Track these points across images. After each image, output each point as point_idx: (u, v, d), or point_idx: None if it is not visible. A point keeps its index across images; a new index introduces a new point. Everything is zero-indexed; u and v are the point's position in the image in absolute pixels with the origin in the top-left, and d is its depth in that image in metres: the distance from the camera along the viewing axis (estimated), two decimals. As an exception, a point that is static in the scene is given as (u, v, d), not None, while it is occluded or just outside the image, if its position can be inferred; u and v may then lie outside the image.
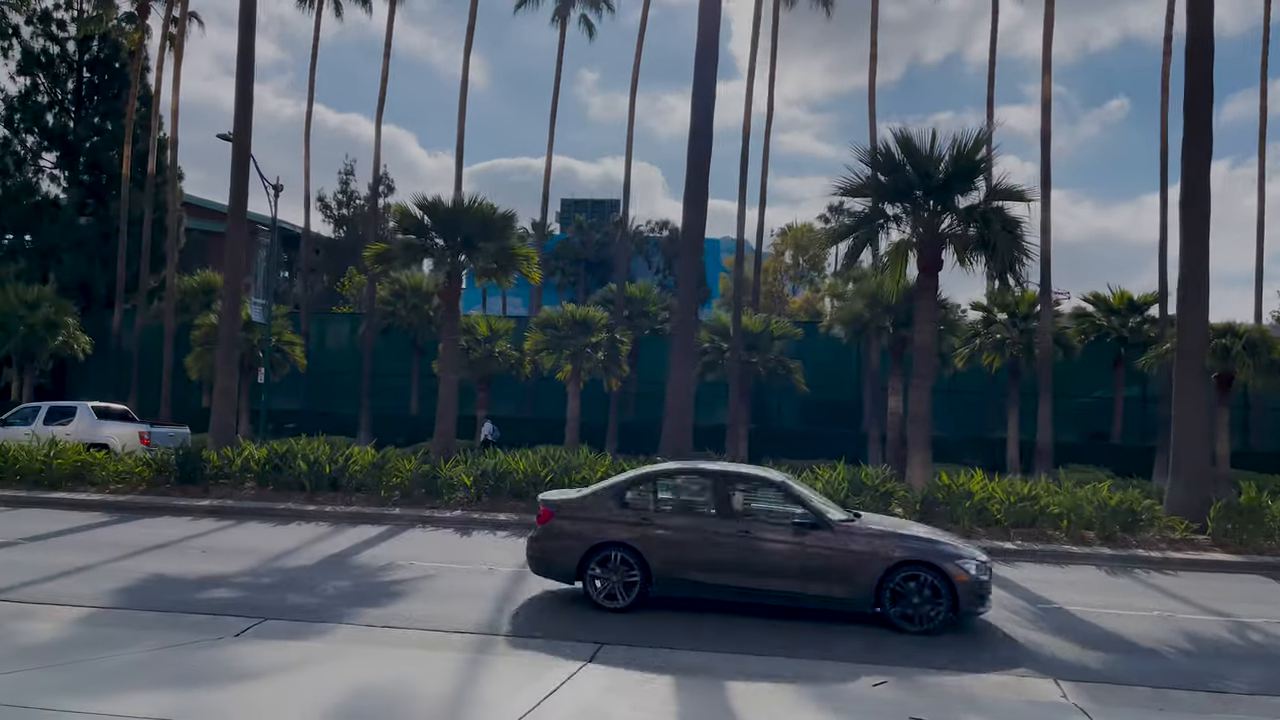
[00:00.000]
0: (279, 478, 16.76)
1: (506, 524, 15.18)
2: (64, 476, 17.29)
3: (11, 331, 33.88)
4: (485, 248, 18.01)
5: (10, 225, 41.49)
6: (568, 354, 27.35)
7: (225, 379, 19.09)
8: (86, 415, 22.99)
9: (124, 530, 14.15)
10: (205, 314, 34.80)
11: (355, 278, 53.48)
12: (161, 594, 9.71)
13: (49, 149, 42.41)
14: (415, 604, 9.62)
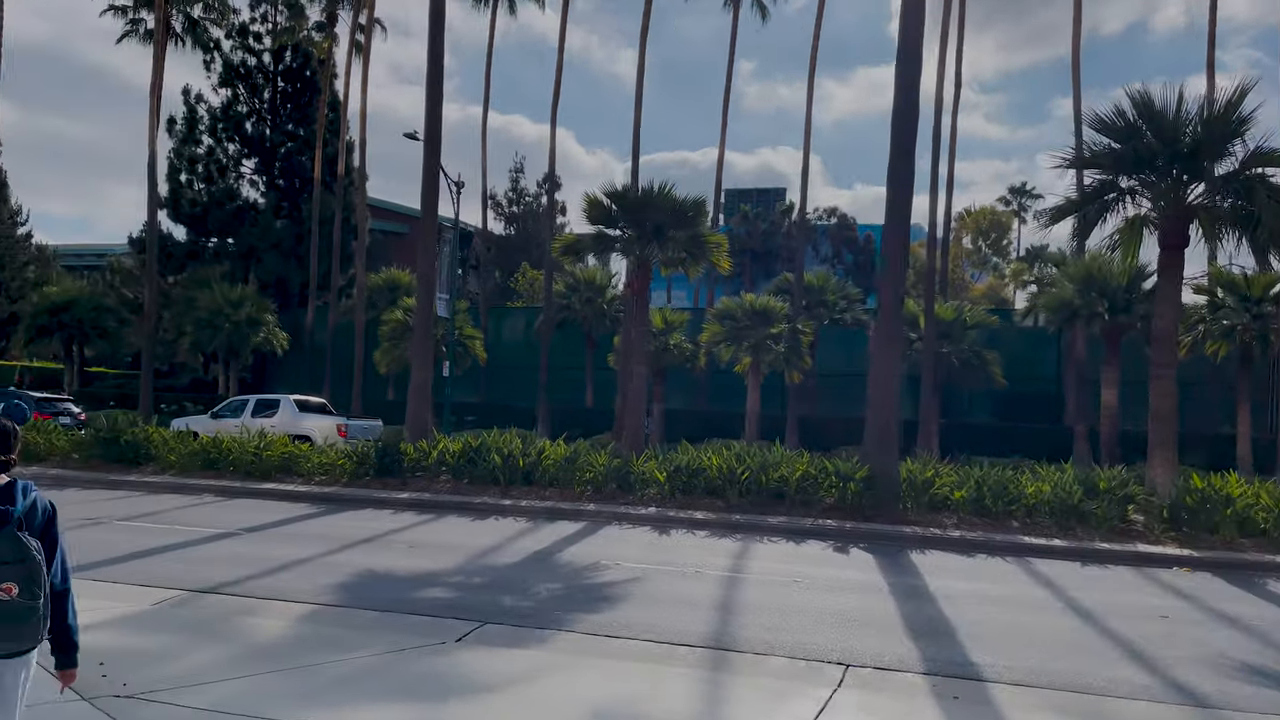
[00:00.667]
0: (473, 471, 16.73)
1: (704, 523, 14.54)
2: (273, 468, 17.88)
3: (218, 329, 36.08)
4: (675, 236, 17.43)
5: (216, 229, 44.25)
6: (747, 345, 26.54)
7: (420, 372, 19.32)
8: (289, 408, 23.75)
9: (331, 522, 14.36)
10: (391, 310, 36.00)
11: (528, 273, 54.45)
12: (377, 591, 9.55)
13: (248, 155, 45.04)
14: (631, 610, 9.06)
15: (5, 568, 3.39)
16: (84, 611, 8.37)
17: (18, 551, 3.42)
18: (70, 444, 19.35)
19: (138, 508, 15.09)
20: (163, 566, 10.41)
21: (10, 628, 3.42)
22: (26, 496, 3.57)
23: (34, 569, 3.45)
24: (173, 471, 18.46)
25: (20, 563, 3.42)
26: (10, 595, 3.38)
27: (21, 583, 3.41)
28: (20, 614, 3.42)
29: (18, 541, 3.44)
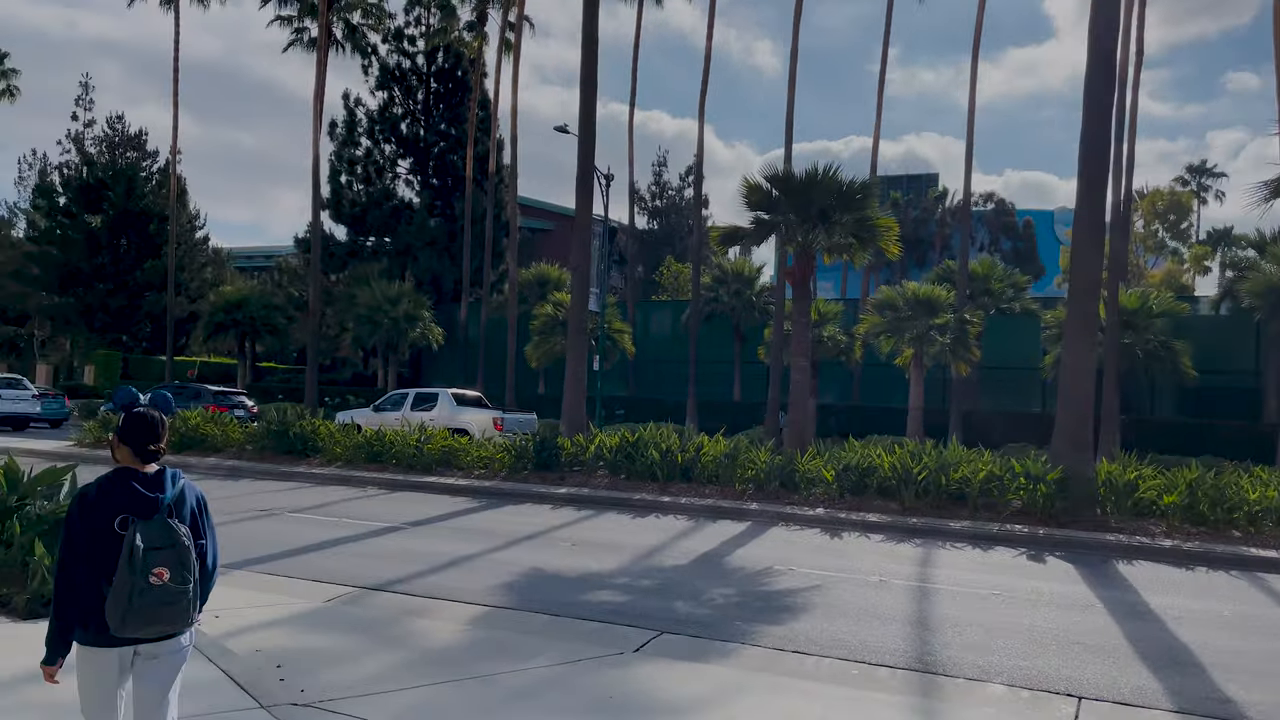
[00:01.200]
0: (631, 467, 16.32)
1: (878, 526, 13.63)
2: (433, 461, 17.98)
3: (377, 324, 37.13)
4: (842, 220, 16.50)
5: (373, 228, 45.72)
6: (909, 337, 25.21)
7: (575, 365, 19.08)
8: (447, 402, 23.96)
9: (492, 517, 14.20)
10: (542, 304, 36.24)
11: (672, 266, 54.09)
12: (545, 593, 9.17)
13: (403, 156, 46.34)
14: (817, 622, 8.34)
15: (156, 553, 3.43)
16: (262, 607, 8.32)
17: (168, 537, 3.48)
18: (245, 436, 20.09)
19: (307, 500, 15.36)
20: (334, 561, 10.37)
21: (163, 611, 3.44)
22: (175, 484, 3.63)
23: (184, 554, 3.50)
24: (338, 464, 18.85)
25: (170, 548, 3.47)
26: (162, 580, 3.42)
27: (172, 568, 3.46)
28: (172, 598, 3.45)
29: (168, 528, 3.50)
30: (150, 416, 3.64)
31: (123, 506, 3.48)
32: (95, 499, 3.50)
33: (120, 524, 3.45)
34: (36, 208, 56.39)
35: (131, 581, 3.35)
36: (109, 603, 3.38)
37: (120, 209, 55.32)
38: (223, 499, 15.04)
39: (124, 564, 3.38)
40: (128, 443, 3.59)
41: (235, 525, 12.60)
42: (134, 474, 3.55)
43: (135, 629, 3.42)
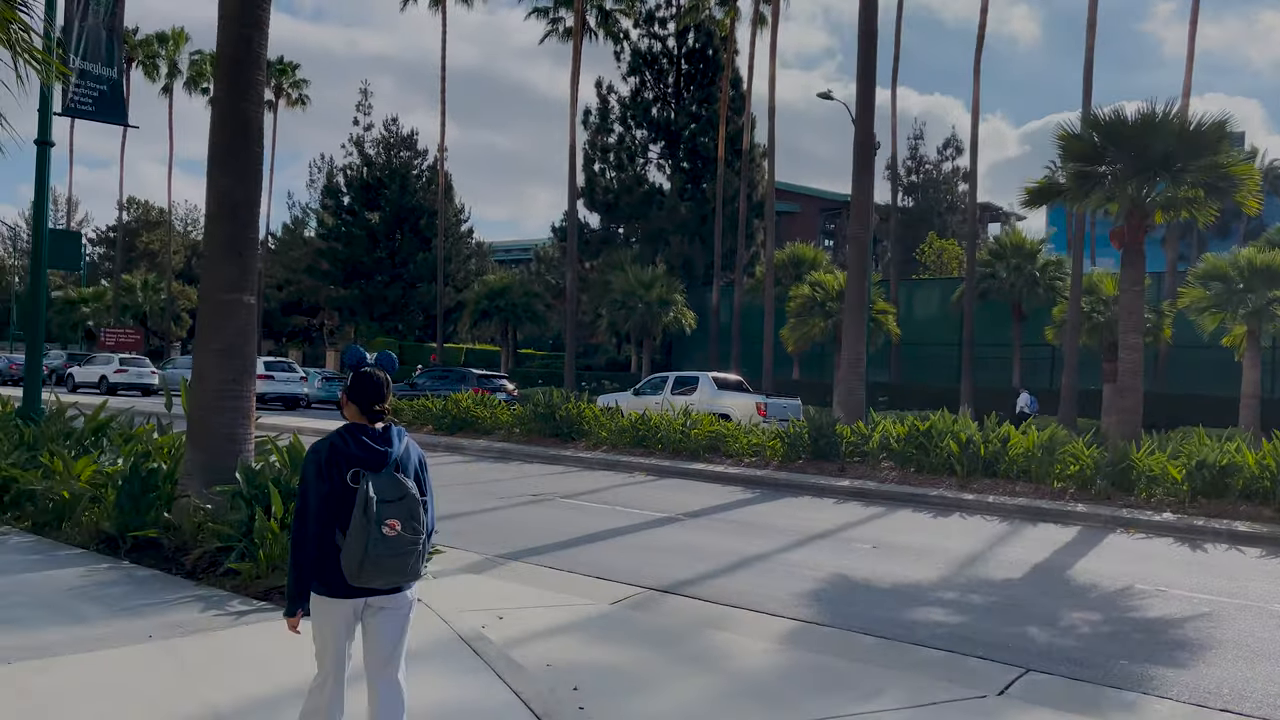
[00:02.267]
0: (924, 459, 14.50)
1: (1251, 537, 11.09)
2: (700, 447, 16.98)
3: (632, 309, 37.01)
4: (1189, 168, 13.76)
5: (626, 214, 45.87)
6: (1243, 312, 21.44)
7: (853, 345, 17.45)
8: (708, 385, 23.00)
9: (771, 511, 12.91)
10: (798, 285, 34.66)
11: (934, 243, 50.68)
12: (860, 606, 7.74)
13: (654, 140, 46.13)
14: (1233, 667, 6.37)
15: (387, 506, 3.48)
16: (546, 608, 7.44)
17: (398, 490, 3.54)
18: (512, 419, 20.03)
19: (576, 485, 14.76)
20: (613, 555, 9.45)
21: (395, 561, 3.49)
22: (401, 441, 3.71)
23: (413, 506, 3.56)
24: (604, 448, 18.28)
25: (400, 500, 3.52)
26: (395, 530, 3.47)
27: (404, 520, 3.51)
28: (404, 549, 3.51)
29: (397, 481, 3.55)
30: (376, 376, 3.71)
31: (355, 460, 3.55)
32: (328, 454, 3.59)
33: (353, 477, 3.53)
34: (325, 207, 61.38)
35: (367, 532, 3.42)
36: (344, 553, 3.46)
37: (395, 205, 59.15)
38: (494, 482, 14.73)
39: (359, 515, 3.44)
40: (355, 401, 3.68)
41: (509, 510, 12.09)
42: (363, 429, 3.64)
43: (370, 579, 3.47)
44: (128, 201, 72.29)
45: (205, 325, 8.21)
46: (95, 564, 7.20)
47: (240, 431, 8.14)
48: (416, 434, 21.01)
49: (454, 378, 29.72)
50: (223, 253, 8.13)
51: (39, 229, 10.73)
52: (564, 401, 19.55)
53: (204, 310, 8.28)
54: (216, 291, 8.14)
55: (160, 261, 69.73)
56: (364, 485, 3.49)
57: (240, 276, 8.18)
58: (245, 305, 8.21)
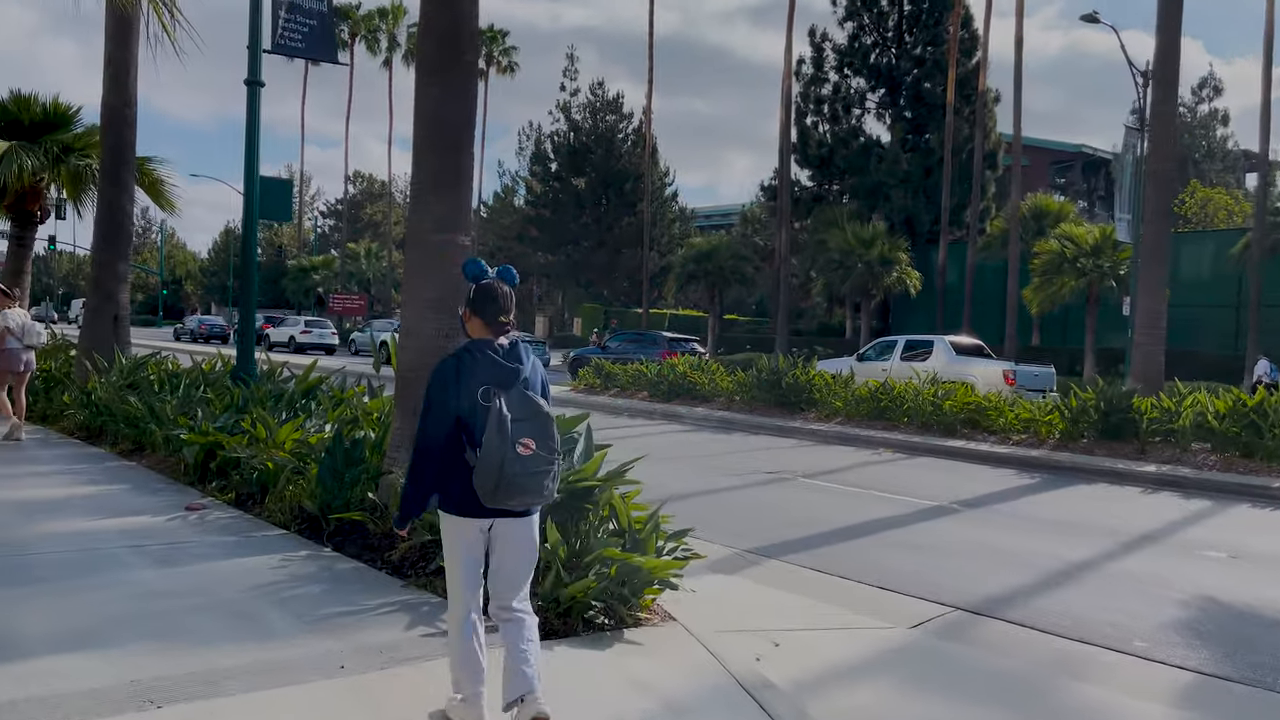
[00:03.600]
0: (1255, 442, 11.69)
1: None
2: (957, 421, 14.73)
3: (849, 270, 34.53)
4: None
5: (840, 169, 43.08)
6: None
7: (1152, 303, 14.64)
8: (944, 350, 20.32)
9: (1065, 501, 10.64)
10: (1042, 241, 31.00)
11: (1197, 192, 44.85)
12: (1265, 650, 5.57)
13: (873, 89, 42.98)
14: None
15: (520, 424, 3.34)
16: (832, 631, 5.50)
17: (530, 408, 3.40)
18: (734, 385, 18.41)
19: (814, 461, 12.98)
20: (886, 554, 7.62)
21: (530, 481, 3.34)
22: (529, 357, 3.53)
23: (547, 425, 3.42)
24: (838, 419, 16.37)
25: (534, 419, 3.39)
26: (530, 449, 3.33)
27: (538, 439, 3.37)
28: (539, 469, 3.36)
29: (528, 399, 3.42)
30: (499, 287, 3.58)
31: (484, 378, 3.41)
32: (457, 370, 3.44)
33: (484, 395, 3.38)
34: (533, 174, 61.95)
35: (503, 451, 3.28)
36: (478, 473, 3.32)
37: (601, 170, 58.87)
38: (721, 455, 13.18)
39: (494, 434, 3.29)
40: (480, 314, 3.54)
41: (746, 491, 10.48)
42: (491, 346, 3.48)
43: (505, 499, 3.34)
44: (353, 175, 76.10)
45: (414, 272, 7.00)
46: (293, 550, 6.15)
47: (453, 397, 6.90)
48: (631, 400, 19.85)
49: (645, 341, 29.36)
50: (433, 185, 6.87)
51: (250, 176, 10.02)
52: (790, 367, 17.70)
53: (412, 256, 7.07)
54: (426, 232, 6.90)
55: (382, 231, 73.06)
56: (496, 403, 3.34)
57: (454, 213, 6.90)
58: (460, 247, 6.94)
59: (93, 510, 7.10)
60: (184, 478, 8.43)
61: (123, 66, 12.82)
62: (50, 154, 15.64)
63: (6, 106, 15.69)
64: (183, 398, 9.80)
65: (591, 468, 5.66)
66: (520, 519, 3.50)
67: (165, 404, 9.54)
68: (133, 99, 12.97)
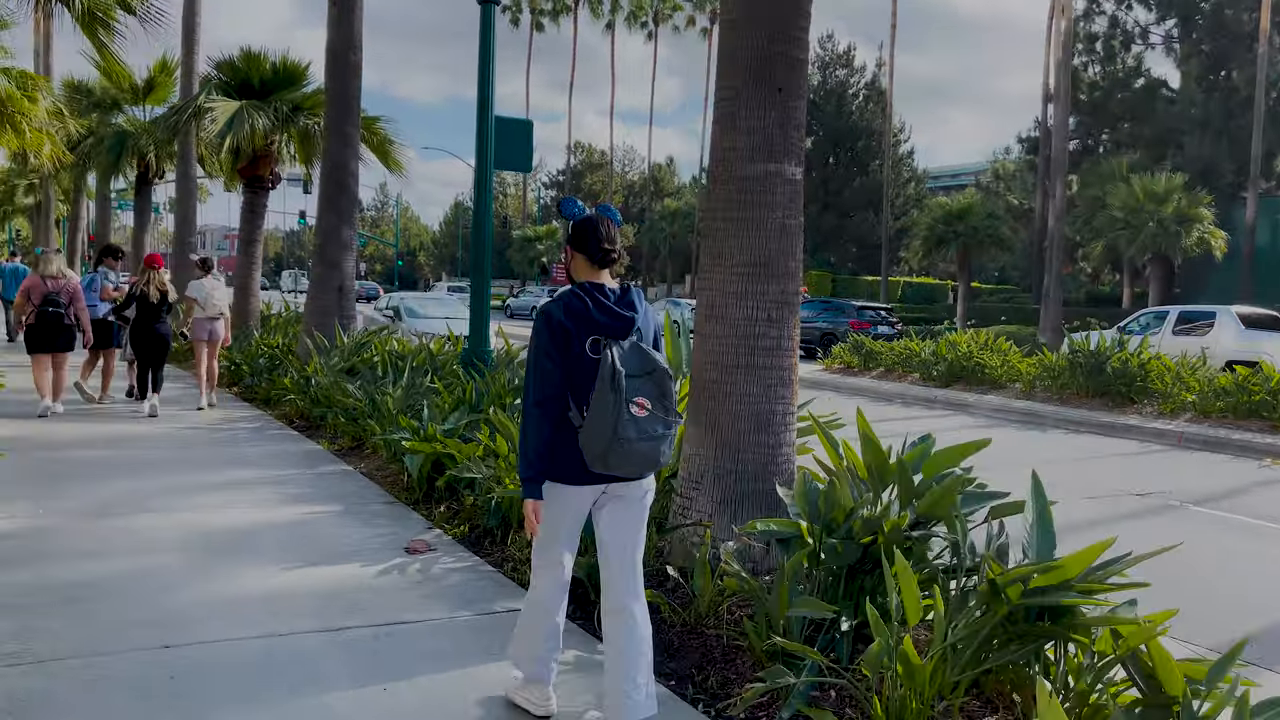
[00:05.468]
0: None
1: None
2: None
3: (1137, 230, 29.66)
4: None
5: (1116, 115, 37.62)
6: None
7: None
8: (1230, 323, 16.66)
9: None
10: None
11: None
12: None
13: (1159, 20, 37.10)
14: None
15: (635, 381, 2.90)
16: None
17: (646, 363, 2.95)
18: (1037, 369, 15.14)
19: (1184, 477, 9.78)
20: None
21: (644, 446, 2.89)
22: (641, 304, 3.10)
23: (663, 382, 2.97)
24: (1186, 416, 12.88)
25: (649, 375, 2.94)
26: (645, 410, 2.90)
27: (653, 399, 2.93)
28: (655, 432, 2.92)
29: (643, 352, 2.97)
30: (603, 219, 3.16)
31: (595, 326, 2.97)
32: (563, 317, 2.97)
33: (593, 346, 2.95)
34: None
35: (617, 411, 2.83)
36: (585, 435, 2.88)
37: (830, 128, 55.27)
38: (1054, 463, 10.20)
39: (605, 391, 2.84)
40: (583, 249, 3.11)
41: (1129, 528, 7.55)
42: (600, 289, 3.04)
43: (617, 465, 2.90)
44: (574, 145, 75.97)
45: (718, 224, 4.69)
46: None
47: (779, 412, 4.58)
48: (899, 384, 16.99)
49: (832, 308, 27.86)
50: (754, 88, 4.52)
51: (484, 115, 8.09)
52: (1115, 348, 14.24)
53: (717, 200, 4.76)
54: (739, 162, 4.58)
55: (602, 201, 72.59)
56: (608, 356, 2.88)
57: (778, 130, 4.54)
58: (787, 182, 4.59)
59: (289, 550, 5.33)
60: (406, 494, 6.63)
61: (348, 5, 11.35)
62: (280, 114, 14.69)
63: (236, 65, 14.85)
64: (406, 387, 8.07)
65: (1076, 564, 3.11)
66: (633, 484, 3.08)
67: (387, 396, 7.84)
68: (358, 41, 11.50)
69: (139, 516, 5.92)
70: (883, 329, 25.60)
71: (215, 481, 6.98)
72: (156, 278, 10.24)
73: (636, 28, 60.17)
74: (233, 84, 14.83)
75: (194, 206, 18.52)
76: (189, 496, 6.48)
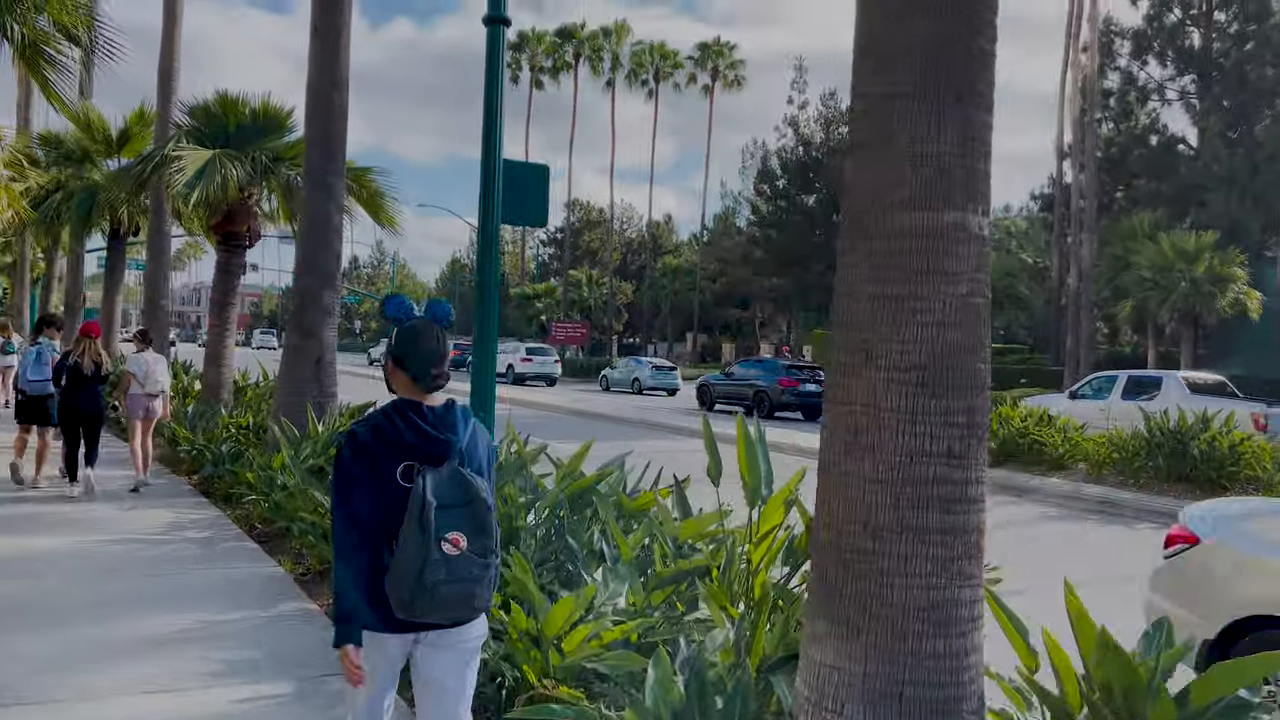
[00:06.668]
0: None
1: None
2: None
3: (1168, 290, 28.30)
4: None
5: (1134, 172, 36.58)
6: None
7: None
8: (1176, 388, 16.95)
9: None
10: None
11: None
12: None
13: (1177, 76, 36.24)
14: None
15: (448, 513, 2.56)
16: None
17: (464, 492, 2.61)
18: (1105, 449, 13.44)
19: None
20: None
21: (457, 590, 2.55)
22: (467, 424, 2.76)
23: (483, 515, 2.62)
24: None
25: (467, 506, 2.60)
26: (459, 548, 2.55)
27: (470, 533, 2.58)
28: (470, 572, 2.57)
29: (463, 480, 2.62)
30: (432, 331, 2.79)
31: (407, 450, 2.64)
32: (371, 440, 2.64)
33: (404, 474, 2.62)
34: (759, 193, 58.26)
35: (423, 549, 2.50)
36: (391, 576, 2.55)
37: (834, 186, 54.39)
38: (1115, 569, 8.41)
39: (412, 526, 2.52)
40: (406, 366, 2.74)
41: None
42: (417, 408, 2.70)
43: (425, 611, 2.56)
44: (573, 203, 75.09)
45: (864, 304, 3.03)
46: None
47: (964, 602, 2.92)
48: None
49: (765, 367, 27.64)
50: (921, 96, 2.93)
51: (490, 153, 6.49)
52: (1201, 428, 12.59)
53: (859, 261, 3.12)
54: (894, 209, 2.96)
55: (600, 259, 71.51)
56: (418, 485, 2.56)
57: (956, 164, 2.94)
58: (973, 239, 2.97)
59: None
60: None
61: (332, 35, 9.89)
62: (259, 164, 13.19)
63: (210, 110, 13.39)
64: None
65: None
66: (448, 632, 2.71)
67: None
68: (343, 78, 10.02)
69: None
70: (810, 386, 25.64)
71: (131, 639, 5.23)
72: (92, 347, 9.53)
73: (637, 85, 59.54)
74: (206, 131, 13.35)
75: (166, 265, 16.98)
76: (84, 671, 4.73)
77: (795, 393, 25.24)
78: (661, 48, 58.33)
